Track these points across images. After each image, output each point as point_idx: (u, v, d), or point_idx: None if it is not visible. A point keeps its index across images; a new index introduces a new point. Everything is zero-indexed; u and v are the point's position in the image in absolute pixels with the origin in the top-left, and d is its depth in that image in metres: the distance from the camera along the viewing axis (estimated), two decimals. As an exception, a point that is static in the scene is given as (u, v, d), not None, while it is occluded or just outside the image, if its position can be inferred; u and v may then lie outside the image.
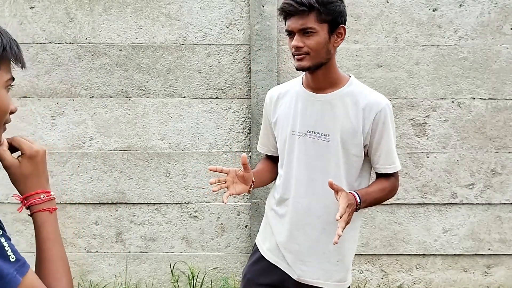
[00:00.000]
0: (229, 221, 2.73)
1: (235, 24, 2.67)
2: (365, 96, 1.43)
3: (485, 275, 2.72)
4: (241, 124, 2.70)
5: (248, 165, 1.43)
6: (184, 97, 2.69)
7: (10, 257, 0.72)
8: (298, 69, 1.41)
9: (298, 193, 1.48)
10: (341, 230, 1.23)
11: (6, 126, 0.84)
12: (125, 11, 2.67)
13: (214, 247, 2.74)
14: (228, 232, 2.74)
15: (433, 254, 2.71)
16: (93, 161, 2.71)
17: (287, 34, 1.41)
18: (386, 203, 2.43)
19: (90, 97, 2.69)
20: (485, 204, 2.68)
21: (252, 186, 1.48)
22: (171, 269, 2.72)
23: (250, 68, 2.65)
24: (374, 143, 1.44)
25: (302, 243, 1.49)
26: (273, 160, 1.65)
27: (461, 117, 2.66)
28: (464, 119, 2.66)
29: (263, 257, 1.58)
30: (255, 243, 1.65)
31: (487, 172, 2.67)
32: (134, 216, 2.73)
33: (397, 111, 2.65)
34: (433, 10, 2.64)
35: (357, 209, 1.36)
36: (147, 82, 2.69)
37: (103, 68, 2.68)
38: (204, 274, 2.73)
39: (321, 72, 1.43)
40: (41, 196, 0.84)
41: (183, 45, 2.67)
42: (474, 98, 2.66)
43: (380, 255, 2.72)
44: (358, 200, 1.35)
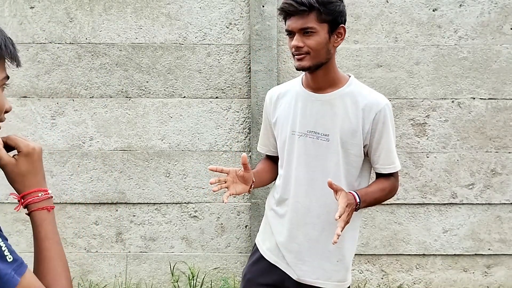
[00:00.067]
0: (229, 221, 2.73)
1: (235, 24, 2.67)
2: (364, 96, 1.43)
3: (485, 275, 2.72)
4: (241, 124, 2.71)
5: (248, 165, 1.43)
6: (184, 97, 2.69)
7: (7, 257, 0.71)
8: (298, 69, 1.41)
9: (298, 193, 1.48)
10: (341, 230, 1.24)
11: (1, 125, 0.83)
12: (125, 11, 2.67)
13: (214, 247, 2.74)
14: (228, 232, 2.74)
15: (433, 254, 2.71)
16: (93, 161, 2.71)
17: (287, 34, 1.41)
18: (386, 203, 2.43)
19: (90, 97, 2.69)
20: (485, 204, 2.68)
21: (252, 186, 1.48)
22: (171, 269, 2.72)
23: (250, 68, 2.65)
24: (374, 143, 1.44)
25: (302, 243, 1.49)
26: (273, 160, 1.65)
27: (461, 117, 2.66)
28: (464, 119, 2.66)
29: (263, 257, 1.58)
30: (255, 243, 1.65)
31: (487, 172, 2.67)
32: (134, 216, 2.73)
33: (397, 111, 2.65)
34: (433, 10, 2.64)
35: (356, 209, 1.36)
36: (147, 82, 2.69)
37: (103, 68, 2.68)
38: (204, 274, 2.73)
39: (321, 72, 1.43)
40: (39, 195, 0.83)
41: (183, 45, 2.67)
42: (474, 98, 2.66)
43: (380, 255, 2.72)
44: (358, 200, 1.35)
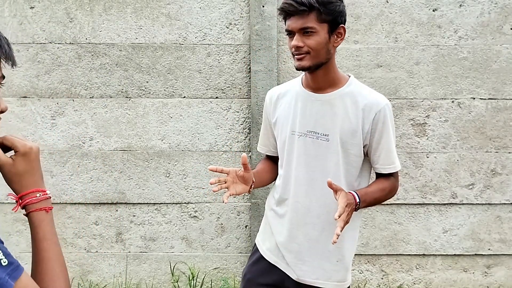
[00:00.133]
0: (229, 221, 2.73)
1: (235, 24, 2.67)
2: (364, 96, 1.43)
3: (485, 275, 2.72)
4: (241, 124, 2.70)
5: (248, 165, 1.43)
6: (184, 97, 2.69)
7: (2, 261, 0.70)
8: (298, 69, 1.41)
9: (297, 193, 1.48)
10: (340, 230, 1.23)
11: None
12: (125, 11, 2.67)
13: (214, 247, 2.74)
14: (228, 232, 2.74)
15: (433, 254, 2.71)
16: (93, 161, 2.71)
17: (287, 34, 1.41)
18: (386, 203, 2.43)
19: (90, 97, 2.69)
20: (485, 204, 2.68)
21: (252, 186, 1.48)
22: (171, 269, 2.72)
23: (250, 68, 2.65)
24: (374, 143, 1.44)
25: (301, 243, 1.49)
26: (273, 160, 1.65)
27: (461, 117, 2.66)
28: (464, 119, 2.66)
29: (263, 257, 1.58)
30: (255, 243, 1.65)
31: (487, 172, 2.67)
32: (134, 216, 2.73)
33: (397, 111, 2.65)
34: (433, 10, 2.64)
35: (356, 209, 1.36)
36: (147, 82, 2.69)
37: (103, 68, 2.68)
38: (204, 274, 2.73)
39: (321, 72, 1.43)
40: (37, 195, 0.81)
41: (183, 45, 2.67)
42: (474, 98, 2.66)
43: (380, 255, 2.72)
44: (358, 199, 1.35)
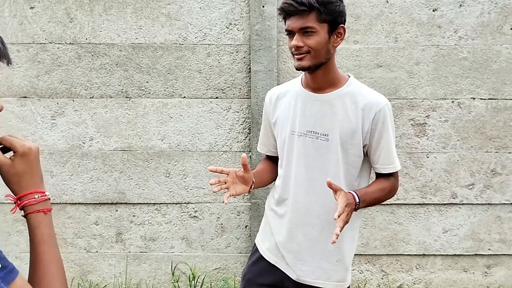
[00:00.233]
0: (229, 221, 2.73)
1: (235, 24, 2.67)
2: (364, 96, 1.43)
3: (485, 275, 2.72)
4: (241, 124, 2.70)
5: (248, 165, 1.43)
6: (184, 97, 2.69)
7: None
8: (298, 69, 1.41)
9: (297, 193, 1.48)
10: (339, 230, 1.23)
11: None
12: (125, 11, 2.67)
13: (214, 247, 2.74)
14: (228, 232, 2.74)
15: (433, 254, 2.71)
16: (93, 161, 2.71)
17: (287, 34, 1.41)
18: (386, 203, 2.43)
19: (90, 97, 2.69)
20: (485, 204, 2.68)
21: (252, 186, 1.48)
22: (172, 269, 2.72)
23: (250, 68, 2.65)
24: (374, 143, 1.44)
25: (301, 243, 1.49)
26: (273, 160, 1.65)
27: (461, 117, 2.66)
28: (464, 119, 2.66)
29: (262, 257, 1.58)
30: (254, 243, 1.65)
31: (487, 172, 2.67)
32: (134, 216, 2.73)
33: (397, 111, 2.65)
34: (433, 10, 2.64)
35: (356, 209, 1.36)
36: (147, 82, 2.69)
37: (103, 68, 2.68)
38: (204, 274, 2.73)
39: (321, 72, 1.43)
40: (36, 196, 0.80)
41: (183, 45, 2.67)
42: (474, 98, 2.66)
43: (380, 255, 2.72)
44: (357, 199, 1.35)
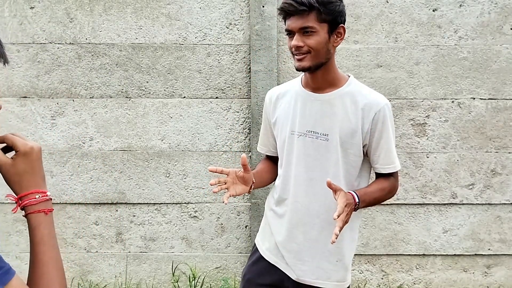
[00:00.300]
0: (229, 221, 2.73)
1: (235, 24, 2.67)
2: (364, 96, 1.43)
3: (485, 275, 2.72)
4: (241, 124, 2.70)
5: (248, 165, 1.43)
6: (184, 97, 2.69)
7: None
8: (299, 69, 1.41)
9: (297, 193, 1.48)
10: (339, 230, 1.23)
11: None
12: (125, 11, 2.67)
13: (214, 247, 2.74)
14: (228, 232, 2.74)
15: (433, 254, 2.71)
16: (93, 161, 2.71)
17: (287, 34, 1.41)
18: (386, 203, 2.43)
19: (90, 97, 2.69)
20: (485, 204, 2.68)
21: (252, 186, 1.48)
22: (172, 269, 2.72)
23: (250, 68, 2.65)
24: (374, 143, 1.44)
25: (301, 243, 1.49)
26: (273, 160, 1.65)
27: (461, 117, 2.66)
28: (464, 119, 2.66)
29: (262, 257, 1.58)
30: (254, 243, 1.65)
31: (487, 172, 2.67)
32: (134, 216, 2.73)
33: (397, 111, 2.65)
34: (433, 10, 2.64)
35: (356, 209, 1.36)
36: (147, 82, 2.69)
37: (103, 68, 2.68)
38: (204, 274, 2.73)
39: (321, 72, 1.43)
40: (36, 196, 0.79)
41: (183, 45, 2.67)
42: (474, 98, 2.66)
43: (380, 255, 2.72)
44: (357, 199, 1.35)
